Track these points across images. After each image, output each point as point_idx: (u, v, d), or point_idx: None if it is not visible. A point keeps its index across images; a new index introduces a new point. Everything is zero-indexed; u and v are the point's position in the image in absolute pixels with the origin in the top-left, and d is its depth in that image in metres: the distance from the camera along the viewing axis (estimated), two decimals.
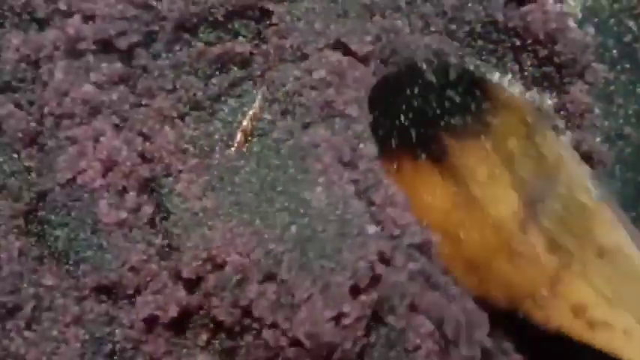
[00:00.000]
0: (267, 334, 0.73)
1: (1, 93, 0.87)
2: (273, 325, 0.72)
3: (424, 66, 0.75)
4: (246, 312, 0.73)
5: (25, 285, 0.76)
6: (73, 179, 0.79)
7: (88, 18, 0.86)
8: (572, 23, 0.95)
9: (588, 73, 0.93)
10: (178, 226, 0.79)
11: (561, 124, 0.93)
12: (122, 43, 0.87)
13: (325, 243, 0.74)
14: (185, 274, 0.76)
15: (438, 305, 0.74)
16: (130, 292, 0.77)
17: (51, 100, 0.83)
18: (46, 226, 0.81)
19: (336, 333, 0.71)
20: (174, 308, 0.74)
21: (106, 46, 0.87)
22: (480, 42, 0.95)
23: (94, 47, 0.86)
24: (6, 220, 0.80)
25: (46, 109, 0.84)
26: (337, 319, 0.72)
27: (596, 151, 0.90)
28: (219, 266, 0.75)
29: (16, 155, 0.86)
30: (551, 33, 0.92)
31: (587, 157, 0.91)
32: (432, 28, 0.94)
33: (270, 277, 0.73)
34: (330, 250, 0.74)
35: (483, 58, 0.96)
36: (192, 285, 0.77)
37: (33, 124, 0.85)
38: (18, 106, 0.86)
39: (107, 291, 0.78)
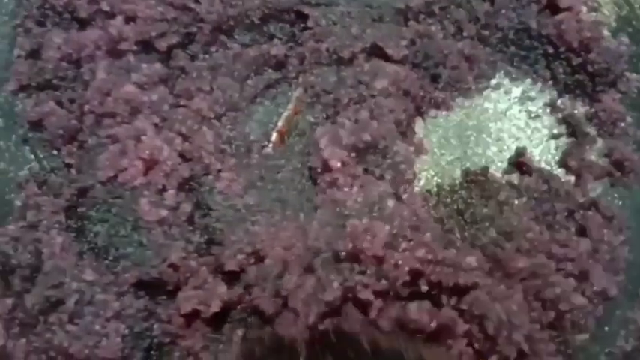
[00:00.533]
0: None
1: (42, 90, 0.89)
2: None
3: None
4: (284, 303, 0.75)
5: (67, 279, 0.77)
6: (114, 177, 0.81)
7: (130, 19, 0.88)
8: (606, 32, 0.95)
9: (621, 82, 0.93)
10: (221, 222, 0.82)
11: (593, 132, 0.93)
12: (162, 45, 0.89)
13: None
14: (228, 267, 0.78)
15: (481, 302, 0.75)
16: (170, 287, 0.79)
17: (93, 98, 0.85)
18: (86, 222, 0.82)
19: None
20: (216, 303, 0.76)
21: (146, 47, 0.89)
22: (512, 48, 0.96)
23: (135, 48, 0.87)
24: (48, 215, 0.82)
25: (86, 108, 0.86)
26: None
27: (628, 159, 0.90)
28: (261, 259, 0.77)
29: (56, 152, 0.88)
30: (585, 42, 0.92)
31: (619, 166, 0.91)
32: (465, 34, 0.94)
33: (308, 270, 0.75)
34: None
35: (515, 64, 0.96)
36: (231, 280, 0.79)
37: (74, 122, 0.87)
38: (59, 103, 0.88)
39: (146, 286, 0.79)
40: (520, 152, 0.92)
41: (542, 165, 0.92)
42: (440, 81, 0.93)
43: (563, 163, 0.93)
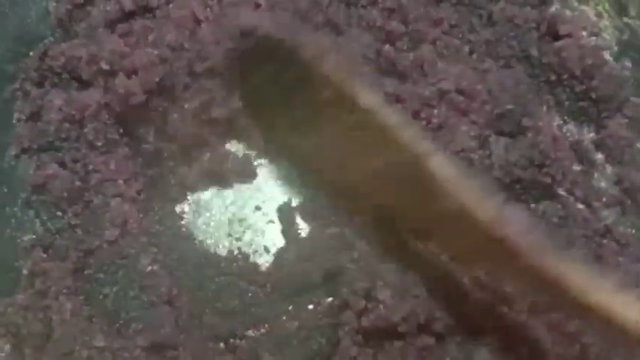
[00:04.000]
0: None
1: (44, 152, 0.89)
2: None
3: None
4: None
5: (77, 347, 0.77)
6: (121, 236, 0.81)
7: (132, 72, 0.88)
8: (608, 57, 0.93)
9: (627, 107, 0.91)
10: None
11: (601, 158, 0.92)
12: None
13: None
14: None
15: None
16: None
17: (97, 158, 0.85)
18: (94, 285, 0.82)
19: None
20: None
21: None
22: None
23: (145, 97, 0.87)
24: (55, 281, 0.82)
25: (91, 167, 0.86)
26: None
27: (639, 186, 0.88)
28: None
29: (60, 213, 0.87)
30: (588, 68, 0.90)
31: (630, 193, 0.89)
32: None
33: None
34: None
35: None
36: None
37: (78, 183, 0.87)
38: (62, 165, 0.88)
39: (158, 349, 0.79)
40: None
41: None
42: None
43: (570, 192, 0.91)
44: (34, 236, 0.86)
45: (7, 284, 0.84)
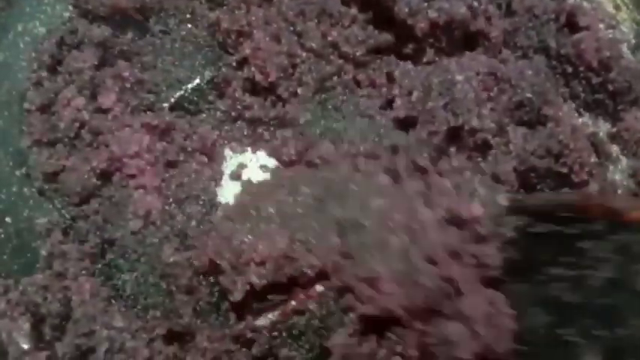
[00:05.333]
0: None
1: (58, 143, 0.88)
2: None
3: None
4: None
5: (97, 327, 0.78)
6: (145, 226, 0.81)
7: None
8: (625, 50, 0.93)
9: None
10: None
11: (616, 151, 0.92)
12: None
13: None
14: None
15: None
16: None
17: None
18: (113, 270, 0.83)
19: None
20: None
21: None
22: None
23: None
24: (74, 263, 0.82)
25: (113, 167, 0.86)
26: None
27: None
28: None
29: (75, 204, 0.86)
30: (605, 61, 0.91)
31: None
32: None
33: None
34: None
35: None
36: None
37: (94, 180, 0.85)
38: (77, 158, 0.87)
39: (175, 334, 0.79)
40: None
41: None
42: None
43: (586, 183, 0.92)
44: (52, 219, 0.86)
45: (26, 264, 0.85)
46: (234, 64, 0.91)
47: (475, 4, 0.90)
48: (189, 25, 0.94)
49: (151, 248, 0.81)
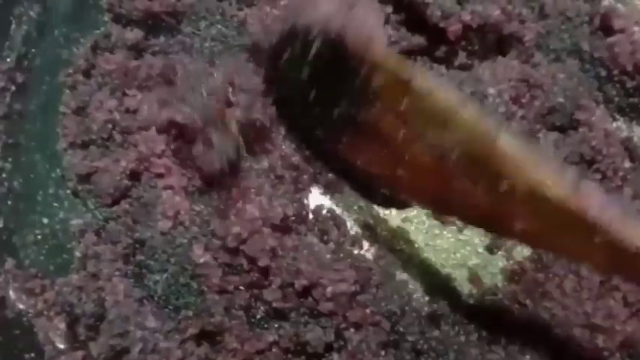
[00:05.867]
0: None
1: (92, 145, 0.89)
2: None
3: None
4: None
5: (131, 327, 0.79)
6: (174, 227, 0.82)
7: None
8: None
9: None
10: None
11: None
12: None
13: None
14: None
15: None
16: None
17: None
18: (144, 271, 0.84)
19: None
20: None
21: None
22: None
23: None
24: (107, 264, 0.83)
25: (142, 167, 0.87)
26: None
27: None
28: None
29: (107, 205, 0.87)
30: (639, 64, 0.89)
31: None
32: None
33: None
34: None
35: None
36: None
37: (125, 182, 0.86)
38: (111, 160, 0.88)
39: (207, 334, 0.80)
40: None
41: None
42: None
43: (620, 188, 0.90)
44: (85, 220, 0.88)
45: (62, 265, 0.86)
46: None
47: (509, 7, 0.89)
48: (219, 26, 0.94)
49: (180, 249, 0.82)
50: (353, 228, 0.90)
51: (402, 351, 0.80)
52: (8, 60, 0.93)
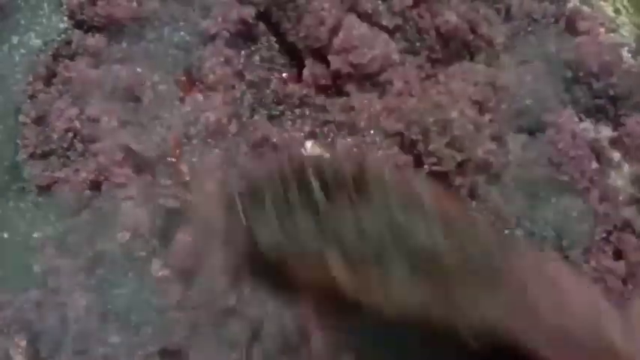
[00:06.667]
0: None
1: (51, 156, 0.87)
2: None
3: None
4: None
5: (94, 344, 0.77)
6: (132, 239, 0.80)
7: None
8: (626, 54, 0.92)
9: None
10: None
11: (618, 157, 0.91)
12: None
13: None
14: None
15: None
16: None
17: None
18: (105, 285, 0.81)
19: None
20: None
21: None
22: None
23: None
24: (68, 277, 0.81)
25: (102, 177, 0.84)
26: None
27: None
28: None
29: (69, 216, 0.85)
30: (605, 65, 0.90)
31: None
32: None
33: None
34: None
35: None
36: None
37: (87, 192, 0.85)
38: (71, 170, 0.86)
39: (170, 353, 0.78)
40: None
41: None
42: None
43: (588, 191, 0.90)
44: (46, 233, 0.85)
45: (21, 280, 0.84)
46: None
47: (471, 12, 0.88)
48: (182, 33, 0.93)
49: (139, 262, 0.80)
50: None
51: None
52: None
